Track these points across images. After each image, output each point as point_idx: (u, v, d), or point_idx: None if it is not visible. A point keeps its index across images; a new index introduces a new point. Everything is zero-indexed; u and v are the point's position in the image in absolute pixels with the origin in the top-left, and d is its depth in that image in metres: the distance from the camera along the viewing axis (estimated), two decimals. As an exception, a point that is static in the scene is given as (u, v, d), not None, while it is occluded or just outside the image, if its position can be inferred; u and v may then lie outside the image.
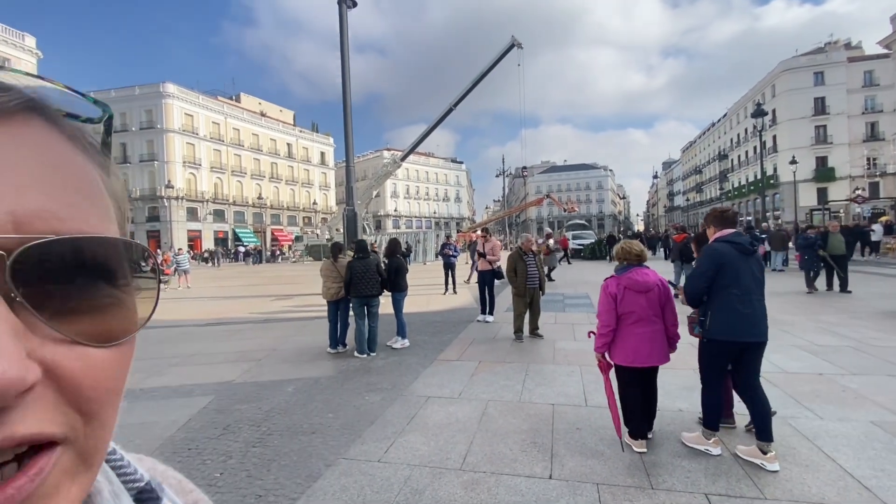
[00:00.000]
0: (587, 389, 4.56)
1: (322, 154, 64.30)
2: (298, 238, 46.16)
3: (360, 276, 6.26)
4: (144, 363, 6.11)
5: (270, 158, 55.72)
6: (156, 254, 0.28)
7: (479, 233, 15.26)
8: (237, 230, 49.72)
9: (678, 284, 6.58)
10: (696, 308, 3.38)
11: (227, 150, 50.18)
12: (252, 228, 50.98)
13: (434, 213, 77.82)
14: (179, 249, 24.73)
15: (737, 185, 57.25)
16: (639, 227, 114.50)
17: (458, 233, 44.62)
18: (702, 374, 3.36)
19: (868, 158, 43.97)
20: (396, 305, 6.86)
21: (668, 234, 18.62)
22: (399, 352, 6.44)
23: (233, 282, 20.54)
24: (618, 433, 3.35)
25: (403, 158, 30.74)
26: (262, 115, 57.19)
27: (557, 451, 3.31)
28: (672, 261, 12.25)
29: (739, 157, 57.86)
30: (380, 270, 6.49)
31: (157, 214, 43.79)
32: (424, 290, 13.08)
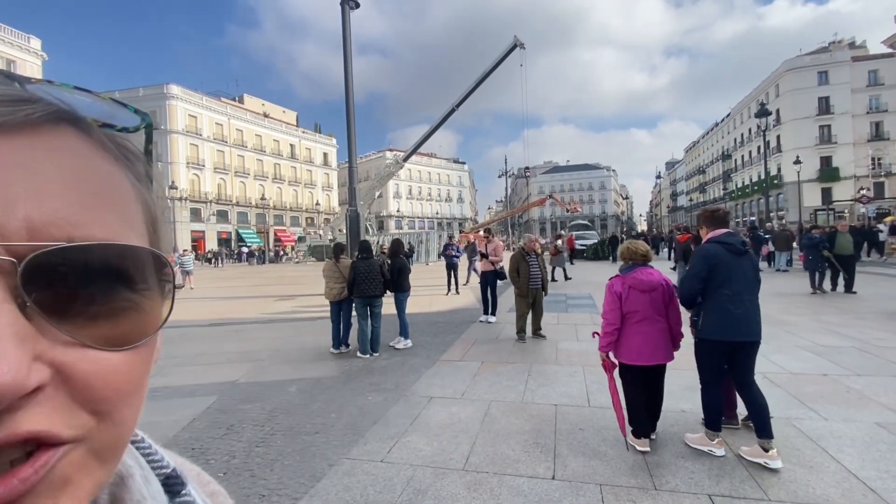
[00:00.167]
0: (590, 390, 4.55)
1: (325, 155, 64.48)
2: (301, 239, 46.27)
3: (364, 277, 6.27)
4: (148, 363, 6.12)
5: (273, 159, 55.90)
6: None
7: (481, 233, 15.20)
8: (240, 231, 49.90)
9: None
10: (691, 308, 3.41)
11: (231, 151, 50.38)
12: (255, 229, 51.16)
13: (437, 214, 77.85)
14: (185, 250, 24.75)
15: (740, 186, 56.99)
16: (642, 228, 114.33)
17: (461, 233, 44.62)
18: (700, 375, 3.37)
19: (873, 158, 43.70)
20: (399, 306, 6.87)
21: (672, 235, 18.57)
22: (402, 352, 6.44)
23: (236, 282, 20.61)
24: (622, 432, 3.35)
25: (406, 159, 30.82)
26: (266, 116, 57.39)
27: (560, 452, 3.30)
28: (675, 261, 12.23)
29: (743, 157, 57.62)
30: (383, 271, 6.51)
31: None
32: (427, 291, 13.10)
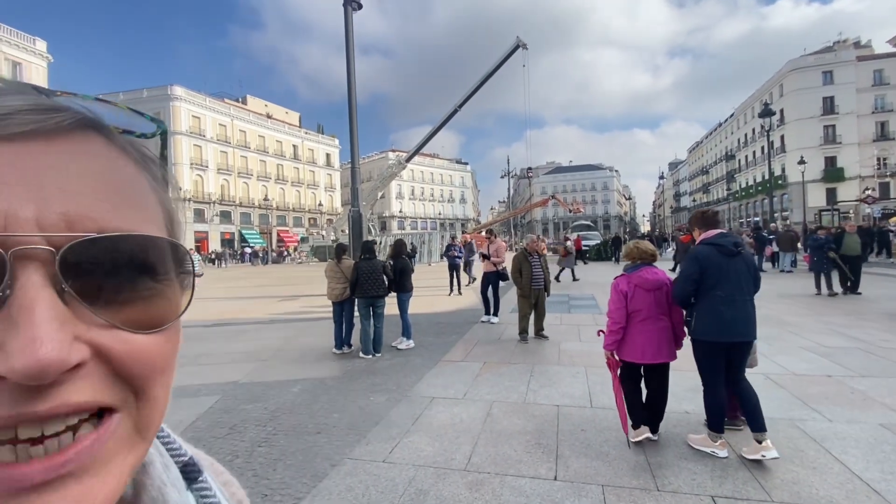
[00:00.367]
0: (592, 391, 4.55)
1: (327, 155, 64.63)
2: (304, 239, 46.39)
3: (367, 277, 6.28)
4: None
5: (276, 160, 56.07)
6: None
7: (483, 234, 15.12)
8: (243, 231, 50.06)
9: None
10: (686, 309, 3.43)
11: (234, 152, 50.57)
12: (258, 230, 51.30)
13: (439, 215, 77.87)
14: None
15: (744, 186, 56.77)
16: (646, 229, 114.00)
17: (463, 234, 44.63)
18: (700, 376, 3.37)
19: (878, 158, 43.47)
20: (402, 306, 6.87)
21: (676, 236, 18.53)
22: (404, 352, 6.45)
23: (239, 283, 20.67)
24: (624, 430, 3.37)
25: (408, 160, 30.88)
26: (269, 117, 57.58)
27: (562, 453, 3.30)
28: (678, 262, 12.19)
29: (747, 158, 57.37)
30: (386, 271, 6.51)
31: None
32: (429, 292, 13.11)
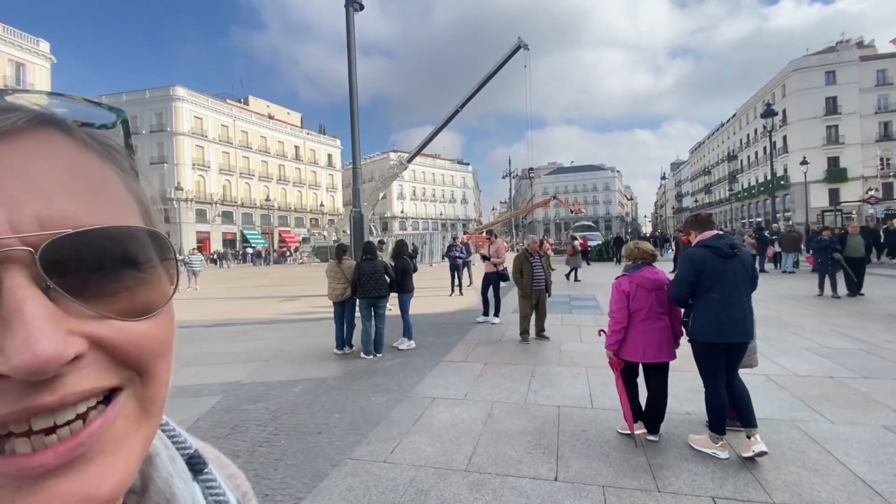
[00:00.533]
0: (593, 391, 4.54)
1: (329, 156, 64.67)
2: (306, 239, 46.46)
3: (368, 277, 6.29)
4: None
5: (278, 160, 56.15)
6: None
7: (483, 235, 15.01)
8: (245, 232, 50.15)
9: None
10: (684, 308, 3.47)
11: (236, 153, 50.65)
12: (260, 230, 51.38)
13: (440, 215, 77.85)
14: (193, 250, 24.77)
15: (746, 186, 56.60)
16: (647, 229, 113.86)
17: (464, 234, 44.56)
18: (701, 377, 3.38)
19: (881, 159, 43.27)
20: (403, 307, 6.88)
21: (676, 238, 18.50)
22: (405, 353, 6.45)
23: (240, 283, 20.71)
24: (630, 429, 3.40)
25: (410, 160, 30.88)
26: (270, 118, 57.67)
27: (563, 453, 3.30)
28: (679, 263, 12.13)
29: (749, 158, 57.21)
30: (388, 271, 6.52)
31: (167, 216, 44.31)
32: (431, 292, 13.11)
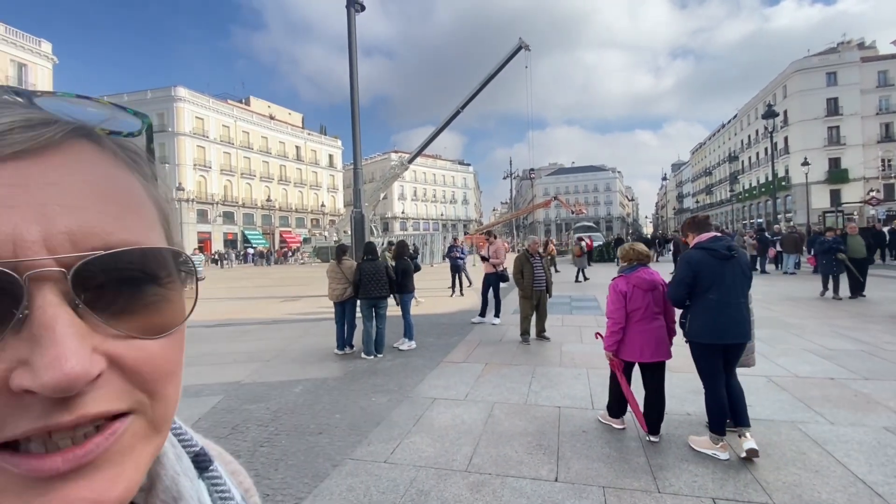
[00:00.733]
0: (594, 392, 4.54)
1: (330, 156, 64.74)
2: (307, 240, 46.53)
3: (369, 278, 6.29)
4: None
5: (279, 161, 56.21)
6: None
7: (482, 235, 15.00)
8: (246, 232, 50.19)
9: None
10: (682, 309, 3.49)
11: (237, 153, 50.73)
12: (261, 230, 51.44)
13: (441, 216, 77.86)
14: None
15: (748, 187, 56.52)
16: (648, 230, 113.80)
17: (465, 235, 44.64)
18: (700, 378, 3.39)
19: (883, 160, 43.22)
20: (403, 307, 6.88)
21: (676, 239, 18.49)
22: (406, 353, 6.45)
23: (241, 283, 20.72)
24: (643, 427, 3.42)
25: (411, 161, 30.85)
26: (272, 118, 57.75)
27: (563, 454, 3.30)
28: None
29: (750, 159, 57.16)
30: (389, 272, 6.52)
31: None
32: (431, 293, 13.11)
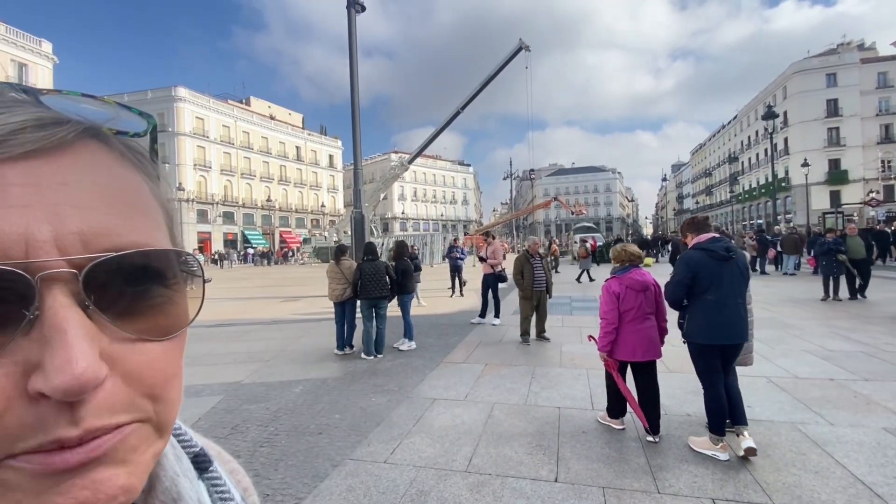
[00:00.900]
0: (594, 393, 4.54)
1: (330, 157, 64.74)
2: (307, 240, 46.53)
3: (370, 278, 6.29)
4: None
5: (280, 161, 56.21)
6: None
7: (481, 236, 15.01)
8: (246, 232, 50.18)
9: None
10: (679, 310, 3.50)
11: (237, 153, 50.71)
12: (261, 230, 51.43)
13: (441, 216, 77.86)
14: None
15: (747, 188, 56.53)
16: (647, 231, 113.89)
17: (465, 236, 44.68)
18: (699, 378, 3.40)
19: (882, 161, 43.22)
20: (403, 307, 6.88)
21: (675, 241, 18.49)
22: (405, 354, 6.45)
23: (241, 283, 20.72)
24: (644, 424, 3.44)
25: (411, 161, 30.86)
26: (272, 119, 57.74)
27: (563, 455, 3.30)
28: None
29: (750, 160, 57.15)
30: (390, 272, 6.52)
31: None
32: (431, 293, 13.11)
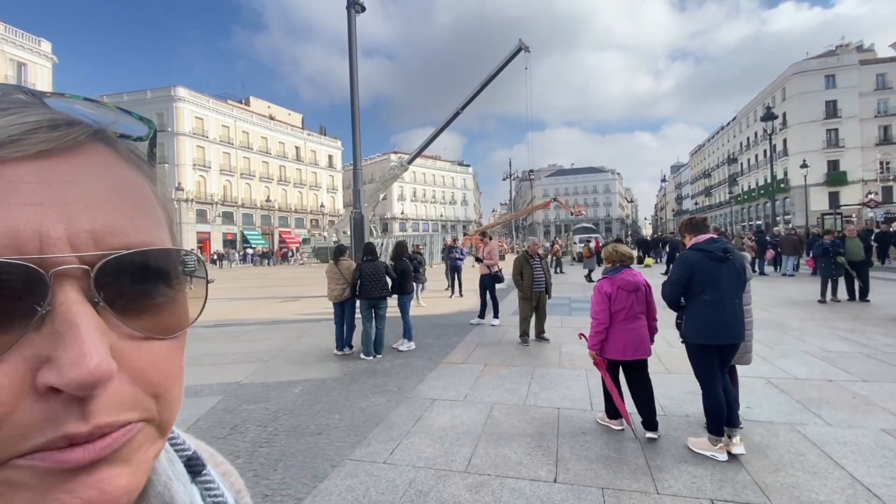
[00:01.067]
0: (593, 393, 4.54)
1: (330, 157, 64.72)
2: (306, 240, 46.48)
3: (369, 278, 6.29)
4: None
5: (279, 161, 56.18)
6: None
7: (479, 237, 15.00)
8: (245, 232, 50.14)
9: None
10: (676, 310, 3.53)
11: (237, 153, 50.68)
12: (260, 230, 51.40)
13: (440, 217, 77.84)
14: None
15: (747, 189, 56.59)
16: (646, 232, 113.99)
17: (465, 236, 44.69)
18: (697, 379, 3.41)
19: (881, 162, 43.31)
20: (403, 308, 6.88)
21: (673, 242, 18.50)
22: (405, 354, 6.46)
23: (241, 283, 20.70)
24: (626, 421, 3.49)
25: (410, 161, 30.86)
26: (271, 119, 57.71)
27: (562, 455, 3.30)
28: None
29: (749, 161, 57.23)
30: (389, 272, 6.52)
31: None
32: (430, 294, 13.10)
